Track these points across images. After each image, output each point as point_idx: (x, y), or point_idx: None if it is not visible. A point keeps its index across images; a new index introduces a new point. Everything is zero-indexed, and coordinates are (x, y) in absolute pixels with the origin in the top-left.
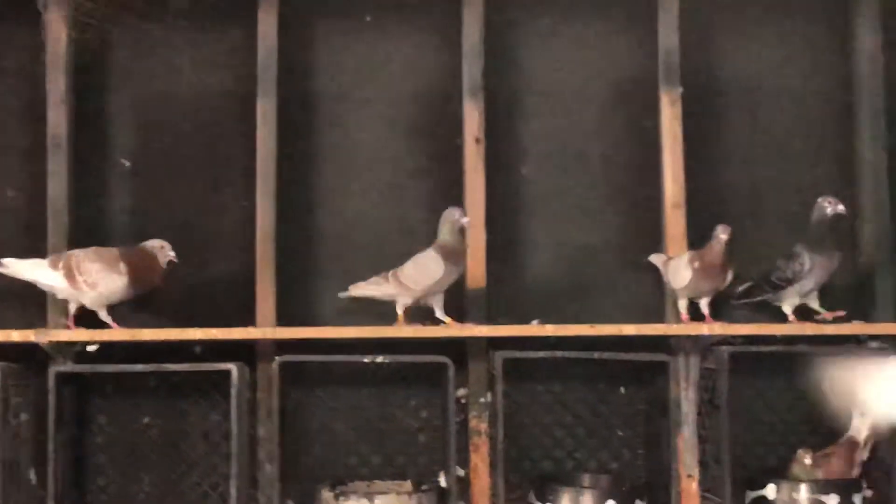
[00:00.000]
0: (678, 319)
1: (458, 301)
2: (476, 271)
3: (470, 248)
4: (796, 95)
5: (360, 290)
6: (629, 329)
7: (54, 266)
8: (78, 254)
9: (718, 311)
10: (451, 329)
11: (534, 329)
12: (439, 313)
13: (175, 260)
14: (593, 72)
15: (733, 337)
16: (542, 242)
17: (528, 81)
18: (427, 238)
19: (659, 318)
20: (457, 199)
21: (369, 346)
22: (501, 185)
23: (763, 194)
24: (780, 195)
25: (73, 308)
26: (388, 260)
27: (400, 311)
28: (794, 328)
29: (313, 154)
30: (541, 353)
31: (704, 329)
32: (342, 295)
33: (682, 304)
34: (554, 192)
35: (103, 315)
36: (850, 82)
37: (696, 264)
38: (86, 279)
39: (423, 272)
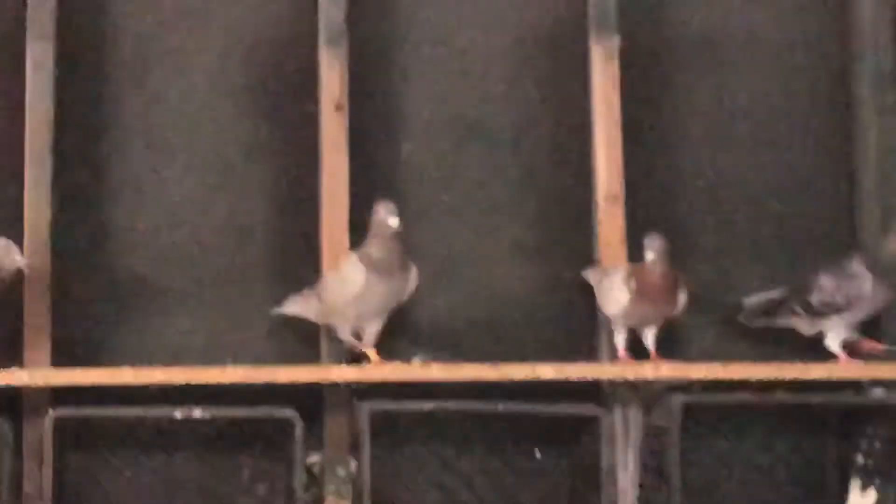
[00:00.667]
0: (614, 358)
1: (311, 330)
2: None
3: (326, 256)
4: (777, 50)
5: (291, 306)
6: (546, 371)
7: None
8: None
9: (671, 344)
10: (294, 371)
11: (415, 370)
12: (366, 344)
13: (26, 269)
14: (500, 15)
15: (689, 382)
16: (428, 250)
17: (410, 26)
18: (271, 243)
19: (590, 355)
20: (309, 188)
21: (191, 394)
22: (372, 170)
23: (730, 184)
24: (755, 186)
25: None
26: (217, 273)
27: (344, 336)
28: (773, 370)
29: (108, 127)
30: (425, 404)
31: (649, 371)
32: (274, 311)
33: (620, 338)
34: (445, 178)
35: None
36: (849, 33)
37: (633, 283)
38: None
39: (339, 285)
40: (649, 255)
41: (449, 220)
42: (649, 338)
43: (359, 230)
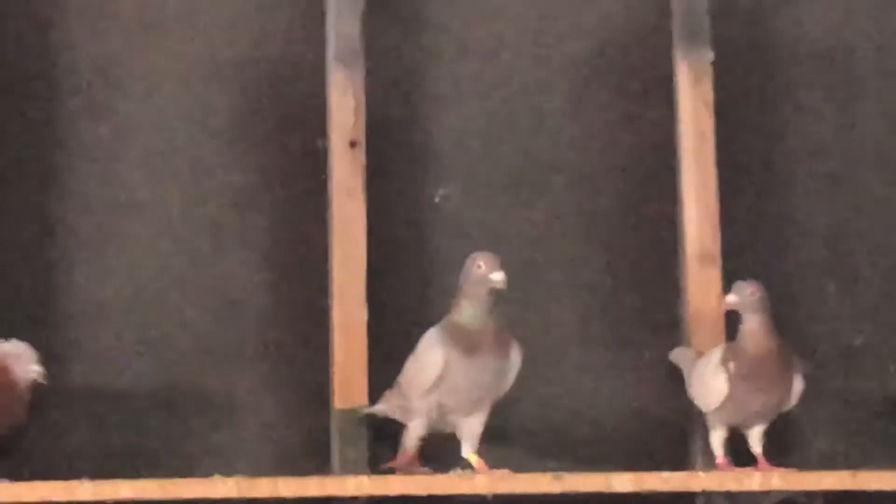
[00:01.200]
0: (710, 465)
1: (320, 420)
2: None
3: (338, 328)
4: None
5: (380, 405)
6: (623, 482)
7: None
8: None
9: (784, 447)
10: (299, 483)
11: (455, 482)
12: (465, 450)
13: (43, 381)
14: (557, 25)
15: (808, 495)
16: None
17: (443, 41)
18: (267, 317)
19: (681, 462)
20: (315, 246)
21: None
22: (395, 222)
23: (857, 237)
24: (888, 239)
25: None
26: (199, 358)
27: (410, 444)
28: None
29: (58, 171)
30: None
31: (755, 481)
32: (363, 410)
33: (717, 438)
34: (487, 233)
35: None
36: None
37: (732, 366)
38: None
39: (417, 369)
40: (746, 320)
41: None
42: (755, 438)
43: (378, 298)
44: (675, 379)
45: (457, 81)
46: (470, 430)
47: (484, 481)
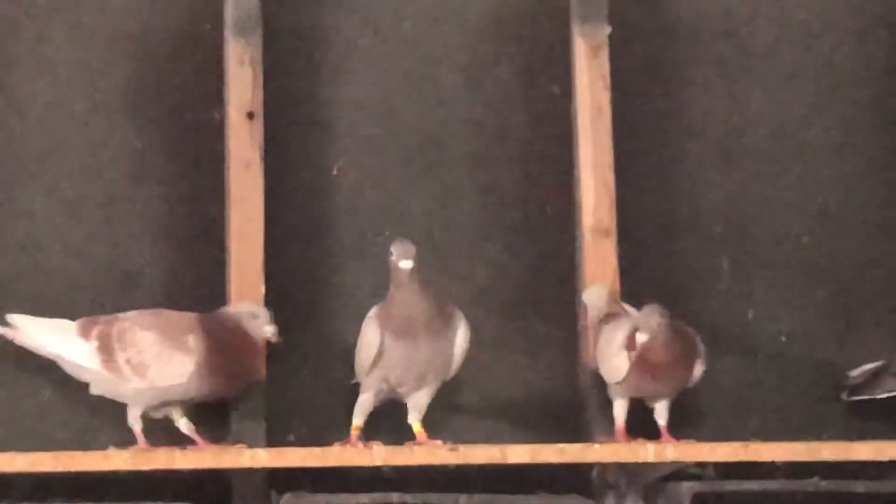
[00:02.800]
0: (606, 436)
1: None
2: None
3: (235, 300)
4: (814, 44)
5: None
6: (518, 454)
7: (86, 332)
8: (125, 316)
9: (680, 419)
10: (195, 455)
11: (351, 454)
12: (411, 418)
13: (276, 339)
14: (463, 0)
15: (701, 466)
16: (364, 298)
17: (343, 13)
18: (163, 289)
19: (578, 433)
20: (212, 218)
21: (64, 486)
22: (293, 194)
23: (749, 212)
24: (782, 216)
25: (135, 411)
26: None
27: (357, 416)
28: (806, 450)
29: None
30: (362, 497)
31: (649, 453)
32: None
33: (619, 408)
34: (386, 206)
35: (182, 424)
36: None
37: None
38: (130, 359)
39: (359, 349)
40: (652, 323)
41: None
42: (659, 411)
43: (275, 272)
44: (571, 352)
45: (356, 54)
46: (415, 402)
47: (380, 453)
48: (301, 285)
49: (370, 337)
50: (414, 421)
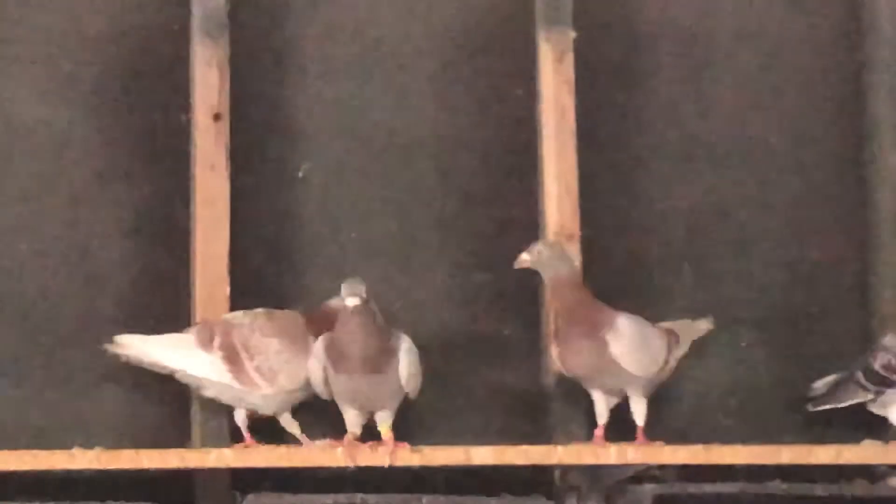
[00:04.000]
0: (568, 438)
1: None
2: None
3: (200, 302)
4: (773, 51)
5: None
6: (482, 455)
7: (205, 343)
8: (239, 322)
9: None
10: (160, 455)
11: (316, 455)
12: (380, 424)
13: (355, 305)
14: (424, 3)
15: (661, 469)
16: (331, 297)
17: (310, 16)
18: (129, 289)
19: (539, 434)
20: (178, 219)
21: (27, 485)
22: (259, 196)
23: (711, 216)
24: (741, 219)
25: (241, 413)
26: (60, 329)
27: (349, 428)
28: (766, 453)
29: None
30: (328, 498)
31: (611, 455)
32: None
33: (596, 405)
34: (353, 208)
35: (286, 423)
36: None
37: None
38: (259, 366)
39: (310, 377)
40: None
41: (359, 262)
42: (634, 409)
43: (241, 273)
44: (536, 354)
45: (323, 57)
46: (381, 416)
47: (343, 454)
48: (266, 287)
49: (314, 367)
50: (382, 424)
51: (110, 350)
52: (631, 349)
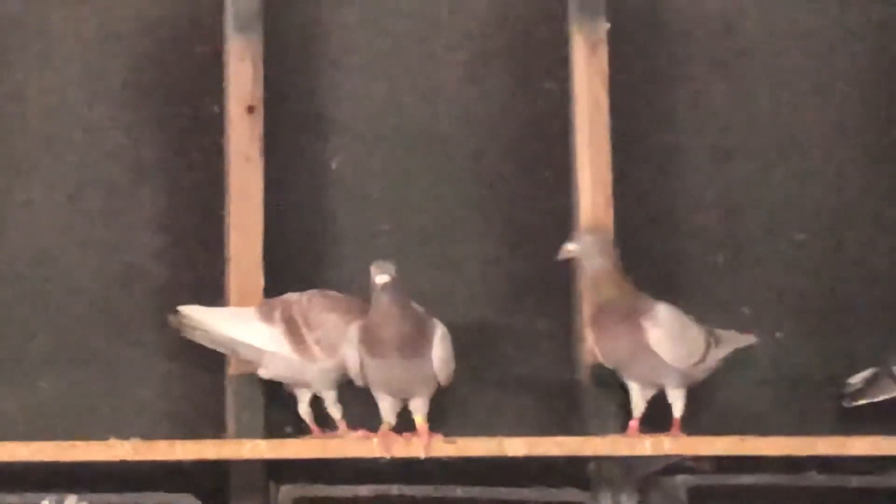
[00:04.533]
0: (603, 429)
1: (216, 384)
2: None
3: (234, 293)
4: (812, 42)
5: None
6: (515, 447)
7: (267, 316)
8: (297, 299)
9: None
10: (195, 446)
11: (347, 447)
12: (415, 414)
13: (384, 282)
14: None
15: (696, 460)
16: (363, 291)
17: (341, 9)
18: (163, 283)
19: (573, 425)
20: (212, 213)
21: (63, 476)
22: (293, 188)
23: (747, 209)
24: (778, 213)
25: (306, 394)
26: (95, 323)
27: (384, 418)
28: (803, 445)
29: None
30: (361, 489)
31: (647, 447)
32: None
33: (636, 395)
34: (385, 201)
35: (331, 403)
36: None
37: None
38: (319, 339)
39: (346, 364)
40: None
41: (392, 253)
42: (673, 400)
43: (275, 265)
44: (570, 345)
45: (356, 49)
46: (415, 405)
47: (379, 445)
48: (300, 279)
49: (350, 353)
50: (417, 414)
51: (173, 321)
52: (668, 337)
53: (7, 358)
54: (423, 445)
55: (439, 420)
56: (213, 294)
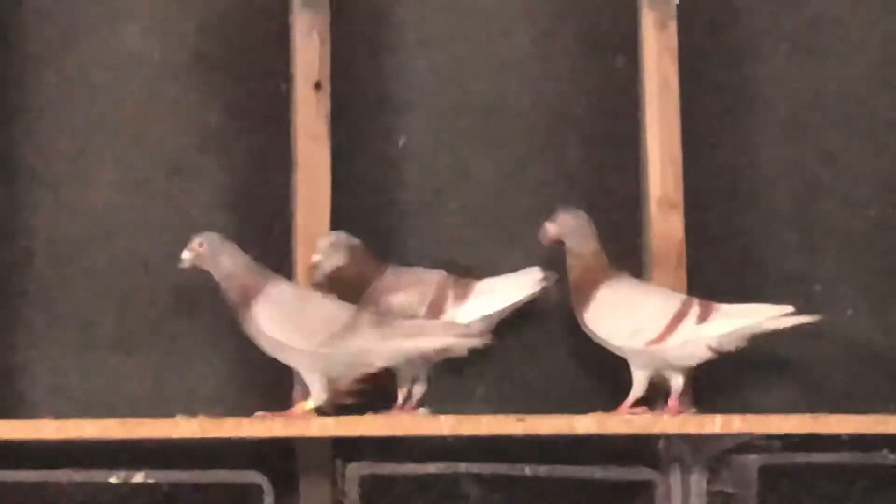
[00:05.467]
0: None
1: (281, 373)
2: None
3: (301, 271)
4: (889, 15)
5: None
6: (585, 424)
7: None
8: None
9: (742, 390)
10: (262, 424)
11: (419, 424)
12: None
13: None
14: None
15: (767, 438)
16: (431, 266)
17: None
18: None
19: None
20: (279, 189)
21: (131, 453)
22: (360, 164)
23: (819, 186)
24: (851, 191)
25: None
26: (162, 299)
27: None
28: (876, 423)
29: (15, 113)
30: (430, 467)
31: (716, 424)
32: None
33: (676, 381)
34: (452, 178)
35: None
36: None
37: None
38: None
39: None
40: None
41: (459, 231)
42: (637, 382)
43: None
44: None
45: (423, 25)
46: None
47: (448, 422)
48: None
49: None
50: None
51: None
52: (603, 317)
53: (75, 337)
54: (493, 424)
55: (508, 398)
56: (281, 272)
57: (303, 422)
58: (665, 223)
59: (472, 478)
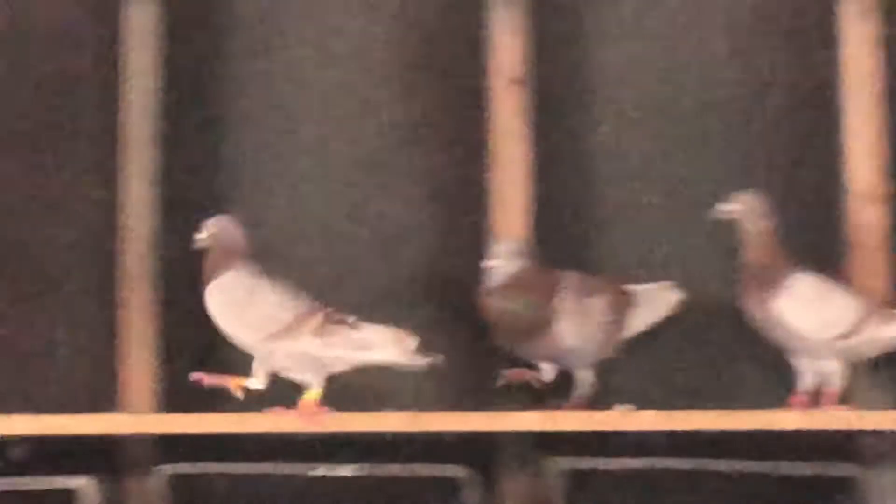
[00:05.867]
0: (874, 404)
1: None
2: None
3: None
4: None
5: None
6: (787, 419)
7: None
8: None
9: None
10: (465, 418)
11: (620, 420)
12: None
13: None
14: None
15: None
16: (624, 265)
17: None
18: (428, 254)
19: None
20: (477, 184)
21: (336, 446)
22: (558, 160)
23: None
24: None
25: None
26: (363, 292)
27: None
28: None
29: (224, 108)
30: (632, 462)
31: None
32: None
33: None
34: (651, 171)
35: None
36: None
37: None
38: None
39: None
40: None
41: (660, 227)
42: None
43: (541, 240)
44: None
45: (620, 20)
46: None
47: (649, 418)
48: (566, 252)
49: None
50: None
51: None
52: (799, 308)
53: None
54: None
55: (710, 393)
56: (477, 270)
57: (502, 416)
58: (867, 217)
59: (672, 473)
